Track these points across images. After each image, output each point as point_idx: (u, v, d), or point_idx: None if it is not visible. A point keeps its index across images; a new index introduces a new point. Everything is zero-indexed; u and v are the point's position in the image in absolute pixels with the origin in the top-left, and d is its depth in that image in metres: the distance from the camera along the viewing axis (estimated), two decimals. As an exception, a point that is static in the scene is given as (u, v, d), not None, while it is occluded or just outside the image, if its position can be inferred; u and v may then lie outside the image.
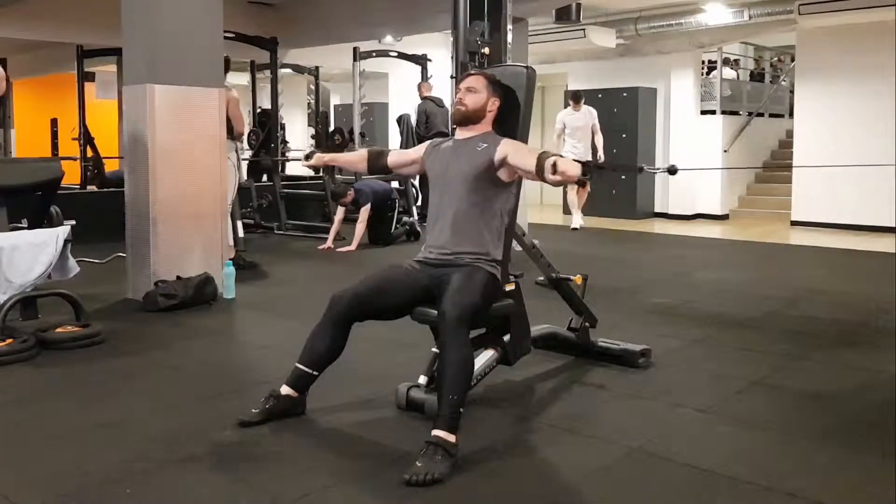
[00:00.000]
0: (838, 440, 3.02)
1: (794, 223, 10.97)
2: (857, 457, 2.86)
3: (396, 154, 3.56)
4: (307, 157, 3.35)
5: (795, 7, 10.19)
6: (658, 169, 3.13)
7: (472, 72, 3.44)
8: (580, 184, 3.84)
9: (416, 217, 9.48)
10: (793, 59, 12.62)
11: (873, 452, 2.87)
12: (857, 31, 10.28)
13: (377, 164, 3.48)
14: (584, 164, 2.91)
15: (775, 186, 12.28)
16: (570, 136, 10.16)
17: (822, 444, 2.98)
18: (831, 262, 7.94)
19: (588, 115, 10.20)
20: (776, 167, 12.75)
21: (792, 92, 12.50)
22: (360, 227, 7.97)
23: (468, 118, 3.22)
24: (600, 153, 10.15)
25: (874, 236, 9.76)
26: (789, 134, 12.56)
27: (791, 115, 12.20)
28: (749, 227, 10.99)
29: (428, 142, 3.47)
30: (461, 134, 3.27)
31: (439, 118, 9.83)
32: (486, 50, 4.81)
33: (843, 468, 2.77)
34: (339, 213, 8.24)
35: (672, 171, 3.14)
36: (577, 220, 10.20)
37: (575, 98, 10.40)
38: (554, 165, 2.67)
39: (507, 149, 3.09)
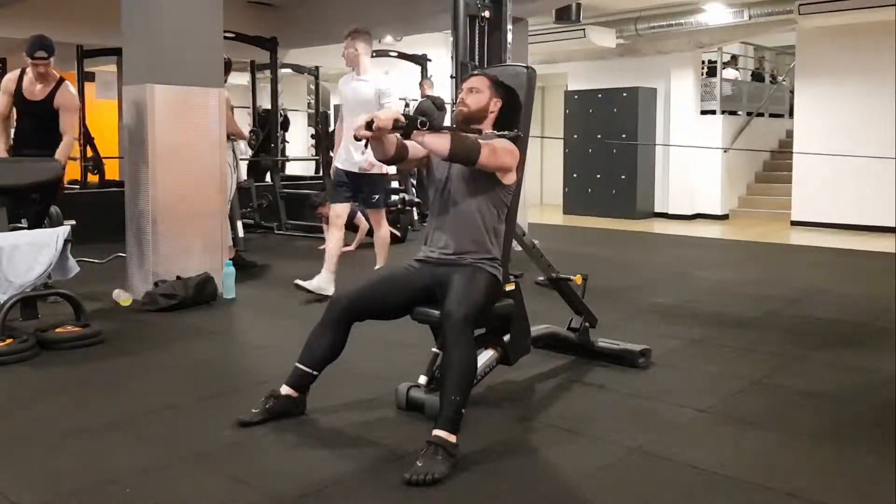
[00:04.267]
0: (838, 440, 3.02)
1: (794, 223, 10.96)
2: (857, 457, 2.86)
3: (412, 145, 3.28)
4: (368, 126, 2.93)
5: (795, 7, 10.18)
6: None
7: (475, 72, 3.44)
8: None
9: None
10: (793, 59, 12.63)
11: (873, 452, 2.87)
12: (857, 31, 10.27)
13: (402, 151, 3.18)
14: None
15: (775, 186, 12.27)
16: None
17: (823, 444, 2.98)
18: (831, 262, 7.94)
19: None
20: (775, 168, 12.75)
21: (792, 92, 12.50)
22: (361, 228, 7.95)
23: (470, 118, 3.22)
24: None
25: (874, 236, 9.75)
26: (789, 134, 12.56)
27: (791, 115, 12.19)
28: (749, 227, 10.98)
29: None
30: None
31: (436, 120, 9.75)
32: (487, 14, 4.68)
33: (843, 468, 2.77)
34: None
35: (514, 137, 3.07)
36: None
37: None
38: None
39: (488, 142, 3.03)
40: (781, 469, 2.72)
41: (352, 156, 5.54)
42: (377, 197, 5.66)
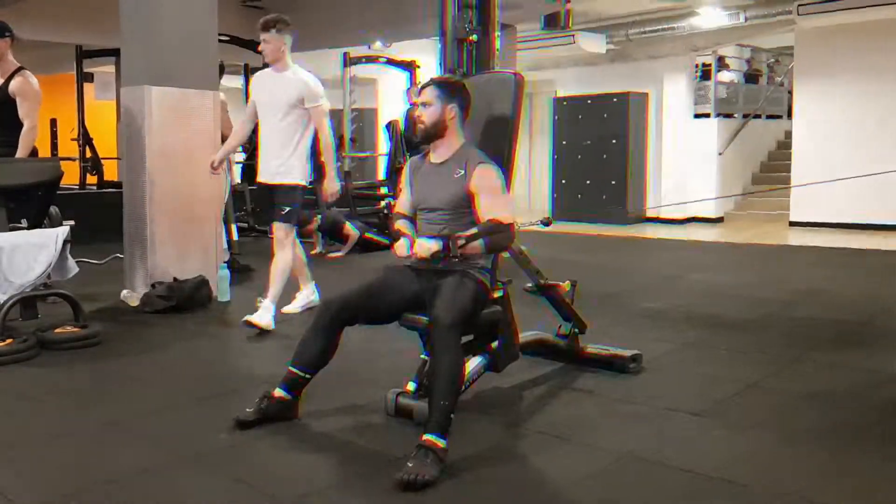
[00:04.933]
0: (838, 441, 3.00)
1: (792, 223, 10.89)
2: (856, 457, 2.85)
3: (405, 204, 3.36)
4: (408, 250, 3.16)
5: (794, 7, 10.13)
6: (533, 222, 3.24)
7: (426, 83, 3.29)
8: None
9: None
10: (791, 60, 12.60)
11: (873, 453, 2.87)
12: (856, 31, 10.23)
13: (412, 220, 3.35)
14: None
15: (773, 187, 12.17)
16: None
17: (822, 445, 2.96)
18: (830, 262, 7.89)
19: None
20: (773, 169, 12.65)
21: (790, 93, 12.40)
22: (351, 237, 7.98)
23: (430, 135, 3.19)
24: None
25: (874, 236, 9.71)
26: (787, 135, 12.44)
27: (789, 116, 12.10)
28: (745, 229, 10.92)
29: (407, 165, 3.42)
30: (436, 155, 3.23)
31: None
32: (474, 37, 4.65)
33: (842, 469, 2.76)
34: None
35: (546, 222, 3.21)
36: None
37: None
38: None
39: (477, 184, 3.09)
40: (780, 470, 2.71)
41: (269, 165, 4.83)
42: (287, 210, 4.82)
